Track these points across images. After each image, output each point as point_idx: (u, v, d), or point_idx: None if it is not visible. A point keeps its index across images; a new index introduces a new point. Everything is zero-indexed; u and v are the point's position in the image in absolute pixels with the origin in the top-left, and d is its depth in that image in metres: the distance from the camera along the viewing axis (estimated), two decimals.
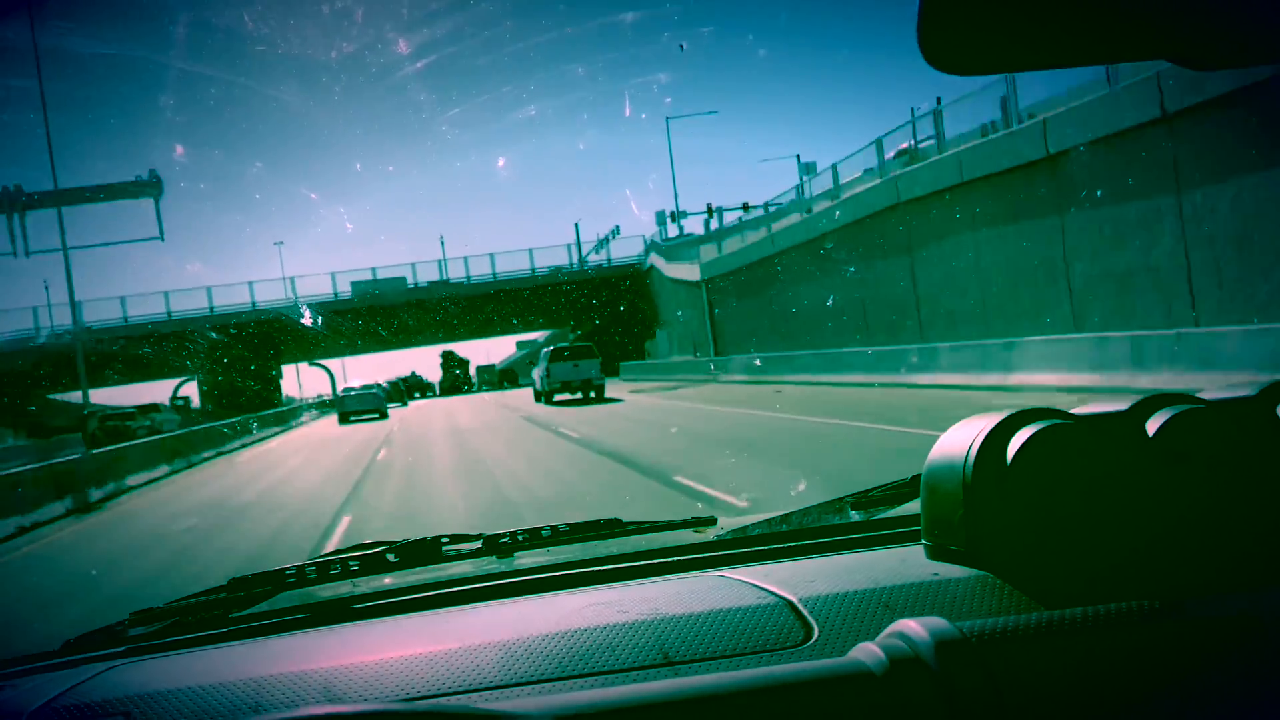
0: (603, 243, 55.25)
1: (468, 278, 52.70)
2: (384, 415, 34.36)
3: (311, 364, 60.95)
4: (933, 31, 0.71)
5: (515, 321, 57.18)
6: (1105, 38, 0.74)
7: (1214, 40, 0.75)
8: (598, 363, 30.00)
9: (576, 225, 61.10)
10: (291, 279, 52.40)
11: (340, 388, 41.43)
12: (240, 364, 49.03)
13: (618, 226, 57.92)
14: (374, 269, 51.57)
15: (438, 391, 60.15)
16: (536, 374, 32.61)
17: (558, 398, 29.76)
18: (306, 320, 49.20)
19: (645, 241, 54.70)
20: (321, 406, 49.13)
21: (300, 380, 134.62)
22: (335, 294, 50.79)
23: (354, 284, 51.16)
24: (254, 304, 50.25)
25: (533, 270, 54.13)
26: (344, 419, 34.36)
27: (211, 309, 49.93)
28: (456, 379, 57.72)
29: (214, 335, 47.82)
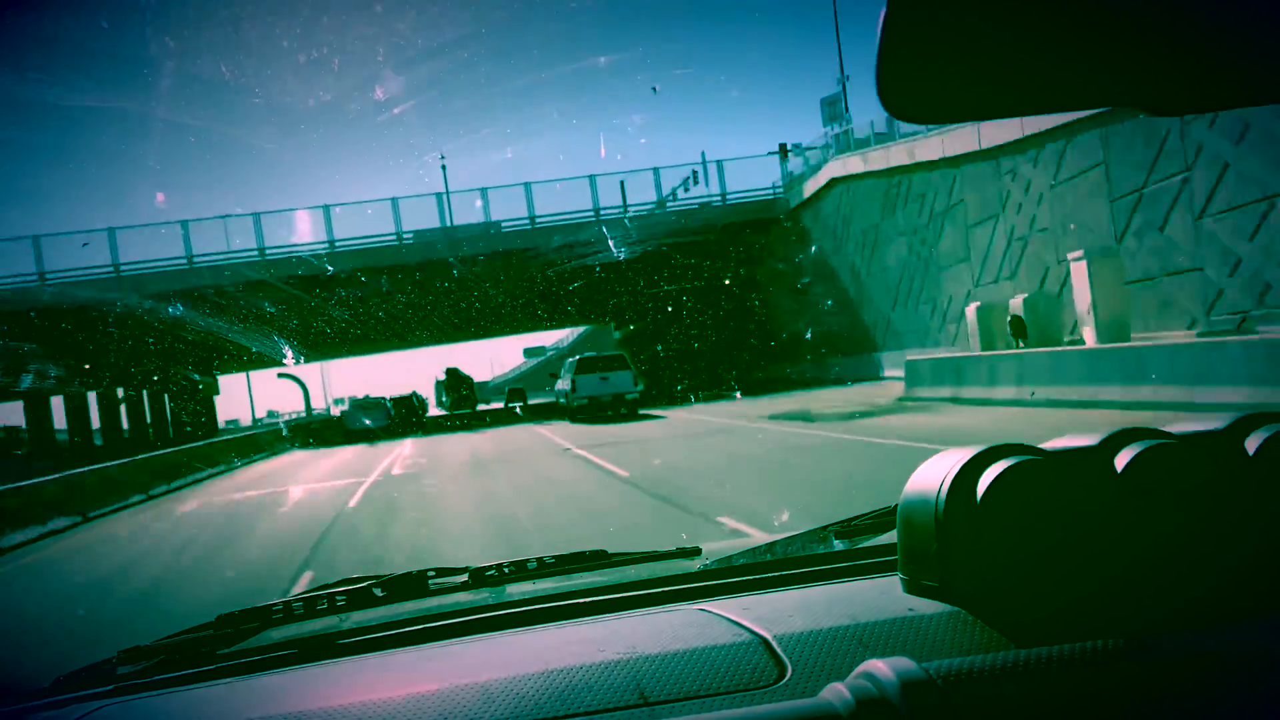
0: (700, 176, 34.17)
1: (487, 224, 32.03)
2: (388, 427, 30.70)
3: (283, 375, 50.32)
4: (892, 81, 0.71)
5: (571, 309, 41.25)
6: (1066, 86, 0.75)
7: (1176, 86, 0.75)
8: (630, 375, 26.40)
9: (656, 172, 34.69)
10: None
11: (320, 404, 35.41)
12: (135, 369, 33.57)
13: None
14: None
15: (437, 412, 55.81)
16: (561, 386, 28.63)
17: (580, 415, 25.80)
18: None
19: (785, 162, 34.18)
20: (300, 431, 36.84)
21: (252, 396, 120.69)
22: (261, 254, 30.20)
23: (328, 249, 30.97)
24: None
25: (597, 211, 32.60)
26: (350, 438, 29.86)
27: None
28: (462, 400, 54.39)
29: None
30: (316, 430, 37.33)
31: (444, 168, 35.08)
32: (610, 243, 31.62)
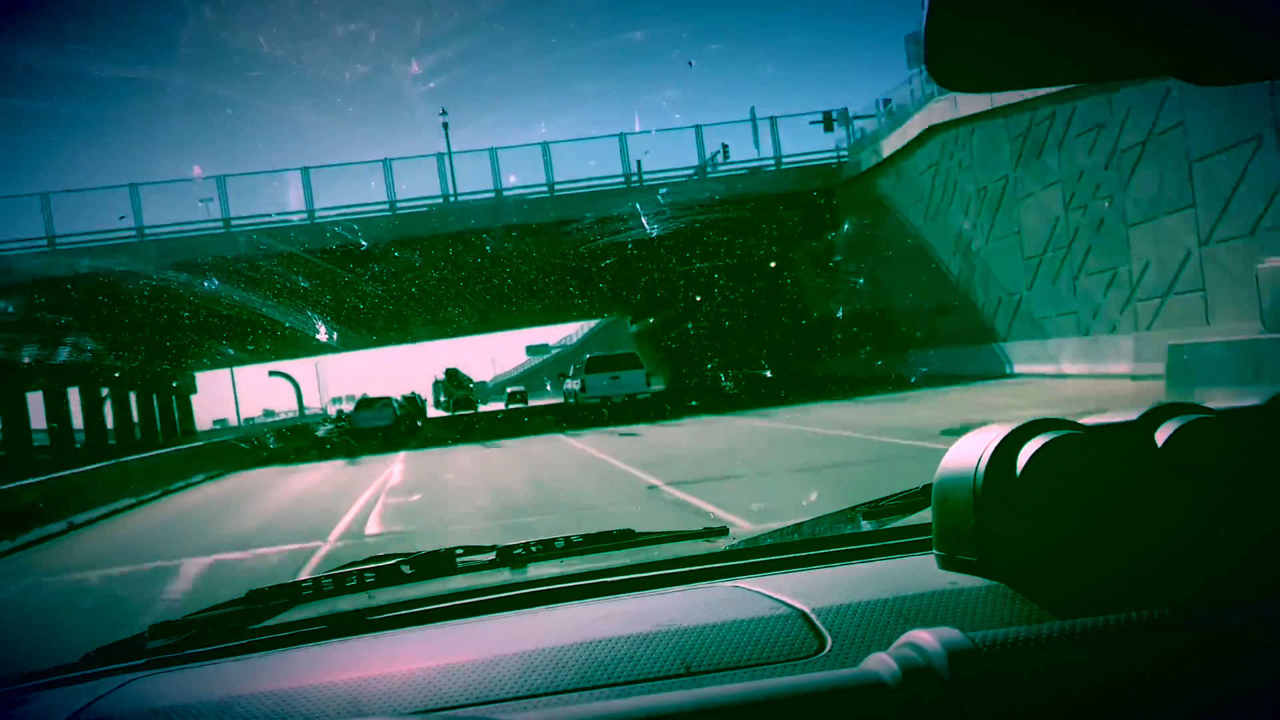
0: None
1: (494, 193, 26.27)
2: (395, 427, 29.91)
3: (275, 374, 45.01)
4: (940, 51, 0.72)
5: (603, 286, 34.62)
6: (1113, 55, 0.75)
7: (1221, 55, 0.75)
8: (642, 374, 24.97)
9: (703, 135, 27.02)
10: None
11: (322, 402, 33.76)
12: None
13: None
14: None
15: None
16: (570, 386, 26.94)
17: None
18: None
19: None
20: (289, 435, 32.21)
21: (237, 394, 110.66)
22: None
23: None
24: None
25: (628, 175, 26.84)
26: (359, 439, 26.68)
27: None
28: (464, 401, 51.65)
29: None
30: (291, 437, 32.58)
31: (445, 126, 31.66)
32: (643, 220, 26.03)
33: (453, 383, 48.56)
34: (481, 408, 54.12)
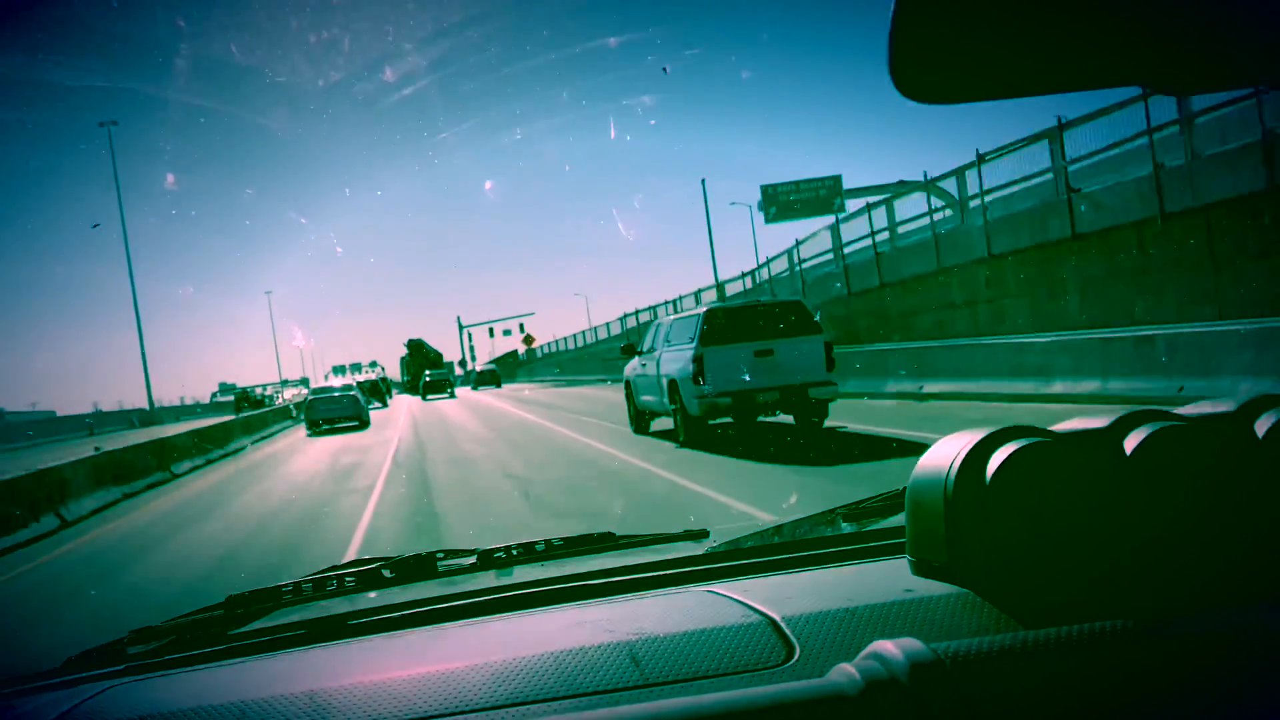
0: None
1: None
2: (365, 424, 27.04)
3: None
4: (904, 61, 0.72)
5: None
6: (1080, 65, 0.74)
7: (1191, 64, 0.75)
8: (819, 344, 12.45)
9: None
10: None
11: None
12: None
13: None
14: None
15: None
16: (650, 371, 13.98)
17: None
18: None
19: None
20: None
21: None
22: None
23: None
24: None
25: None
26: (314, 427, 26.84)
27: None
28: (434, 385, 44.62)
29: None
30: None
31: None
32: None
33: (416, 359, 41.15)
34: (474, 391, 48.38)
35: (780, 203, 33.18)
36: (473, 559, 1.69)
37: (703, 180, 43.53)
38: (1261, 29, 0.71)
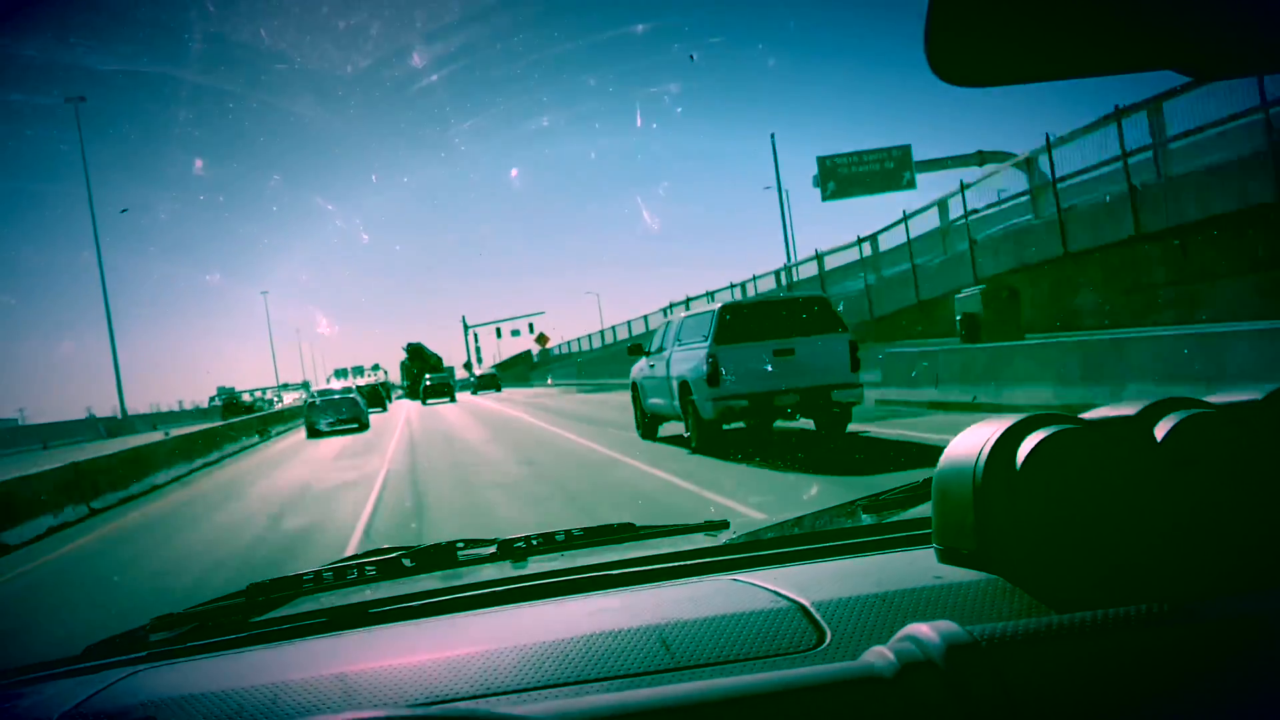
0: None
1: None
2: (364, 426, 26.61)
3: None
4: (940, 44, 0.73)
5: None
6: (1112, 49, 0.75)
7: (1220, 49, 0.75)
8: (843, 342, 11.45)
9: None
10: None
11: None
12: None
13: None
14: None
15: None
16: (659, 372, 13.05)
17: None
18: None
19: None
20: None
21: None
22: None
23: None
24: None
25: None
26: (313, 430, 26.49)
27: None
28: (435, 389, 43.55)
29: None
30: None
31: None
32: None
33: (416, 363, 40.38)
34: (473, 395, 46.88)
35: (840, 177, 28.82)
36: (493, 548, 1.69)
37: (772, 135, 37.89)
38: None
